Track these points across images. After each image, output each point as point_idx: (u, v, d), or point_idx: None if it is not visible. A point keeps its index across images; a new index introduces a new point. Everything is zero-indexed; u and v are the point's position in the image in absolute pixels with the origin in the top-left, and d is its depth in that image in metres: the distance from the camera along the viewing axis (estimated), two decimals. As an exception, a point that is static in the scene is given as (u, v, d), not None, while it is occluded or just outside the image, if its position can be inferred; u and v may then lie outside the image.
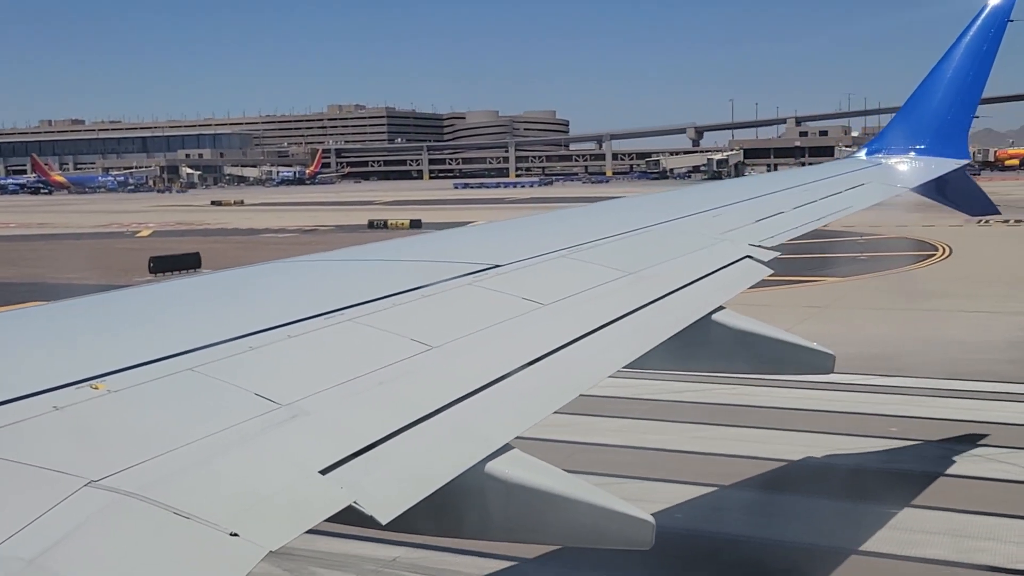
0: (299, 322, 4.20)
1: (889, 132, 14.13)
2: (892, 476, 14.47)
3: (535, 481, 3.68)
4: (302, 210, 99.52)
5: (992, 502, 13.13)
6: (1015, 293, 31.32)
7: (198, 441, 3.02)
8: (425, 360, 4.09)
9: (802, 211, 9.55)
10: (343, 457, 3.17)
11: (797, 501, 13.91)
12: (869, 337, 23.94)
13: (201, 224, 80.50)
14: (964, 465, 14.55)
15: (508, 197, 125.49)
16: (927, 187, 12.65)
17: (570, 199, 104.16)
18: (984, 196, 14.38)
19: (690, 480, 14.26)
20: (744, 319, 6.42)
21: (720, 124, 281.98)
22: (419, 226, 67.48)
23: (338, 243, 52.50)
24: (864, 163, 13.54)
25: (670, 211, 8.78)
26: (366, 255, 6.57)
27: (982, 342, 23.37)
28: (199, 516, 2.64)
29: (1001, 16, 13.31)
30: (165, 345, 3.70)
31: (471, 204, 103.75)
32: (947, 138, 13.45)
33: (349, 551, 11.73)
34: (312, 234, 66.93)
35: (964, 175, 13.59)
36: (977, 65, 13.35)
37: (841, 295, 32.46)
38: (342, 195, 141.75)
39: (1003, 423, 16.71)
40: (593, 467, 13.79)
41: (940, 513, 12.73)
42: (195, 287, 5.34)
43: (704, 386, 18.40)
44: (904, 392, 19.13)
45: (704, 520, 13.12)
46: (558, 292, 5.38)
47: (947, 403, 18.22)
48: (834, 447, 15.82)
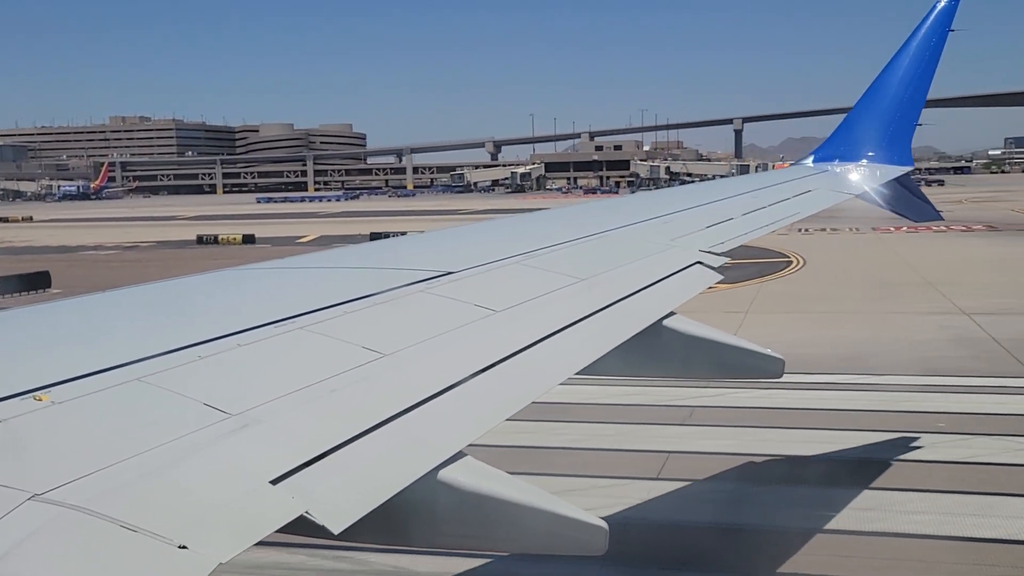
0: (249, 331, 4.14)
1: (835, 139, 14.34)
2: (836, 463, 15.66)
3: (488, 488, 3.66)
4: (105, 226, 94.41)
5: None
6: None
7: (146, 452, 2.97)
8: (377, 368, 4.06)
9: (751, 217, 9.65)
10: (294, 467, 3.13)
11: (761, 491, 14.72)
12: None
13: (3, 242, 75.00)
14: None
15: (321, 211, 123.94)
16: (872, 194, 12.86)
17: (385, 212, 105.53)
18: (928, 203, 14.65)
19: (644, 476, 14.91)
20: (695, 324, 6.47)
21: (518, 139, 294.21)
22: (253, 241, 65.95)
23: (168, 260, 51.33)
24: (811, 170, 13.72)
25: (621, 218, 8.82)
26: (317, 263, 6.51)
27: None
28: (147, 529, 2.59)
29: (942, 26, 13.59)
30: (112, 355, 3.63)
31: (281, 219, 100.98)
32: (891, 145, 13.69)
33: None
34: (135, 251, 63.88)
35: (909, 182, 13.84)
36: (919, 74, 13.61)
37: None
38: (138, 210, 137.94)
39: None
40: (546, 472, 14.10)
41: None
42: (141, 296, 5.25)
43: (656, 390, 18.70)
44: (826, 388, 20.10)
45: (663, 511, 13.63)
46: (511, 299, 5.38)
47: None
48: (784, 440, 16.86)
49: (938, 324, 27.45)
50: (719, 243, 8.03)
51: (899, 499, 13.78)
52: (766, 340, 7.40)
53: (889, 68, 13.83)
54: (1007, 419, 17.94)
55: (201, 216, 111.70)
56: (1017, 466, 15.20)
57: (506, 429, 4.37)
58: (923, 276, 37.55)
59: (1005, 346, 23.75)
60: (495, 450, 4.60)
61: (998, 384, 20.39)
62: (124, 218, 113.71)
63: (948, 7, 13.66)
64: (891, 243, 53.02)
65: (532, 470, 13.92)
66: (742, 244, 8.45)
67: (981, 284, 35.48)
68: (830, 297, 34.23)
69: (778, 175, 14.12)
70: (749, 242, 8.80)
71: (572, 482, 14.37)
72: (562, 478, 14.41)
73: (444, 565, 11.31)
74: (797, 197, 11.35)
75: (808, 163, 14.36)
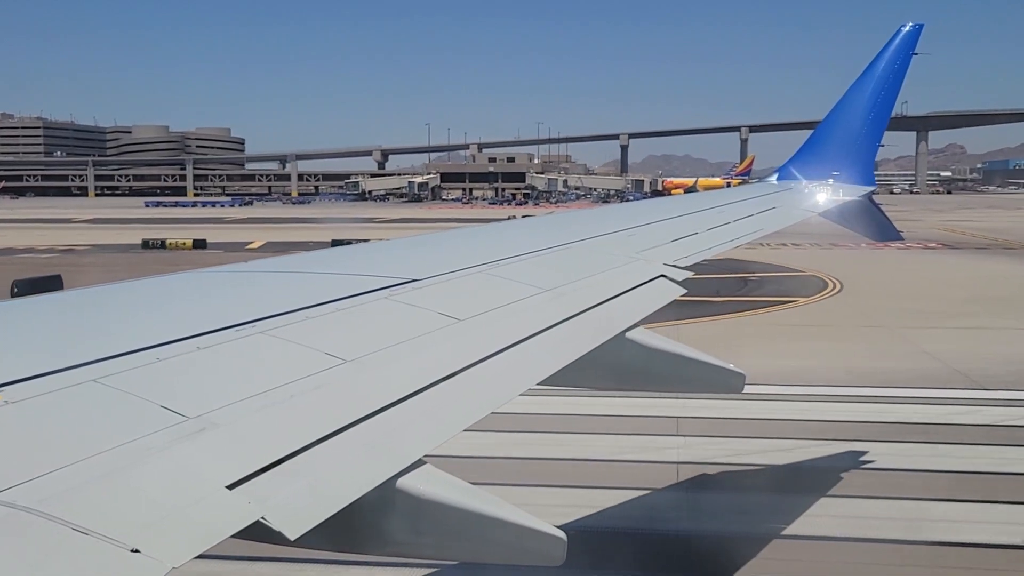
0: (209, 334, 4.11)
1: (800, 157, 14.50)
2: (784, 470, 16.23)
3: (447, 497, 3.65)
4: (9, 228, 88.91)
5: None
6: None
7: (100, 454, 2.92)
8: (338, 374, 4.03)
9: (715, 232, 9.72)
10: (252, 472, 3.10)
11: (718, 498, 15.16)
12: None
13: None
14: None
15: (226, 217, 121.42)
16: (834, 212, 13.00)
17: (307, 220, 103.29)
18: (888, 222, 14.84)
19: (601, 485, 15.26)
20: (657, 337, 6.49)
21: (406, 148, 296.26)
22: (204, 246, 65.47)
23: (123, 265, 49.45)
24: (775, 187, 13.86)
25: (587, 229, 8.85)
26: (279, 267, 6.46)
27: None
28: (99, 532, 2.55)
29: (907, 47, 13.82)
30: (68, 355, 3.58)
31: (190, 224, 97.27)
32: (855, 165, 13.87)
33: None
34: (75, 254, 61.53)
35: (870, 202, 14.01)
36: (883, 95, 13.81)
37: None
38: (18, 211, 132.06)
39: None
40: (505, 482, 14.15)
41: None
42: (99, 297, 5.18)
43: (617, 401, 18.82)
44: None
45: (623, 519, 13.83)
46: (474, 308, 5.37)
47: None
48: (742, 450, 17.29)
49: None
50: (683, 257, 8.08)
51: (860, 506, 14.15)
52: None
53: (854, 89, 14.02)
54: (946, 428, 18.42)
55: (98, 219, 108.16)
56: (961, 473, 15.51)
57: (466, 439, 4.37)
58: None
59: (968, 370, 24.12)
60: (454, 460, 4.59)
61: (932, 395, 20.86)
62: (9, 220, 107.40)
63: (913, 31, 13.91)
64: (899, 259, 53.69)
65: (491, 480, 13.96)
66: (706, 259, 8.51)
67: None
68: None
69: (743, 191, 14.27)
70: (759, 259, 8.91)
71: (531, 492, 14.43)
72: (520, 488, 14.47)
73: (401, 575, 11.27)
74: (761, 214, 11.46)
75: (772, 180, 14.51)
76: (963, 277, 47.00)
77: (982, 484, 15.40)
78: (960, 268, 51.10)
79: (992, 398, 21.01)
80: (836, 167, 13.82)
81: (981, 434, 18.34)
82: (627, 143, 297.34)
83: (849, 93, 14.07)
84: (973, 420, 19.35)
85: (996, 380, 22.55)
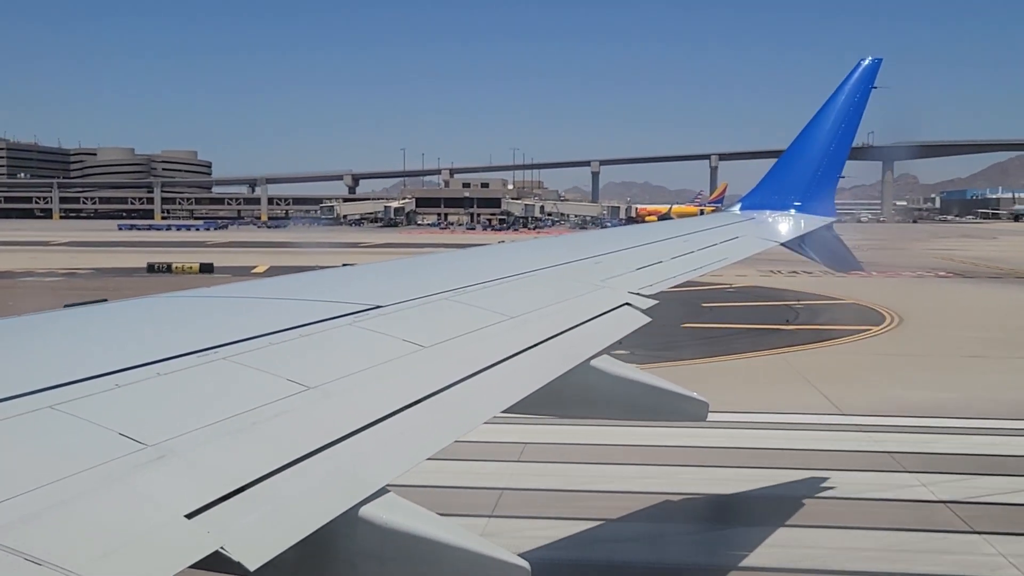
0: (170, 360, 4.05)
1: (762, 188, 14.66)
2: (758, 501, 16.08)
3: (411, 526, 3.62)
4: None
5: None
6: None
7: (56, 482, 2.86)
8: (301, 401, 3.99)
9: (680, 261, 9.79)
10: (211, 500, 3.05)
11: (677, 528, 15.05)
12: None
13: None
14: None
15: (208, 240, 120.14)
16: (795, 242, 13.15)
17: (291, 244, 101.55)
18: (849, 253, 15.02)
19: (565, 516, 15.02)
20: (622, 366, 6.51)
21: (377, 172, 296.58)
22: (211, 270, 65.19)
23: (125, 287, 48.45)
24: (738, 217, 14.00)
25: (552, 257, 8.87)
26: (243, 292, 6.41)
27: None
28: (53, 562, 2.49)
29: (867, 80, 14.06)
30: (24, 382, 3.51)
31: (175, 248, 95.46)
32: (816, 196, 14.04)
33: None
34: (79, 278, 59.86)
35: (831, 232, 14.18)
36: (844, 127, 14.02)
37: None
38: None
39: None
40: (467, 512, 14.06)
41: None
42: (58, 321, 5.09)
43: (581, 429, 18.74)
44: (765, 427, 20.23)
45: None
46: (439, 335, 5.35)
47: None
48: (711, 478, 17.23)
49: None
50: (648, 285, 8.11)
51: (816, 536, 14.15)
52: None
53: (815, 121, 14.23)
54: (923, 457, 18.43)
55: (77, 242, 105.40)
56: (932, 503, 15.58)
57: (429, 467, 4.33)
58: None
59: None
60: (418, 489, 4.55)
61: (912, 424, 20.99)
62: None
63: (872, 65, 14.18)
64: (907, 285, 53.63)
65: (454, 509, 13.88)
66: (670, 287, 8.55)
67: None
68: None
69: (707, 220, 14.39)
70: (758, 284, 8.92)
71: (495, 522, 14.35)
72: (484, 518, 14.39)
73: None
74: (725, 243, 11.55)
75: (735, 210, 14.65)
76: (1003, 305, 45.79)
77: None
78: (991, 296, 49.77)
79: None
80: (798, 198, 13.98)
81: None
82: (598, 170, 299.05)
83: (810, 125, 14.28)
84: None
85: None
